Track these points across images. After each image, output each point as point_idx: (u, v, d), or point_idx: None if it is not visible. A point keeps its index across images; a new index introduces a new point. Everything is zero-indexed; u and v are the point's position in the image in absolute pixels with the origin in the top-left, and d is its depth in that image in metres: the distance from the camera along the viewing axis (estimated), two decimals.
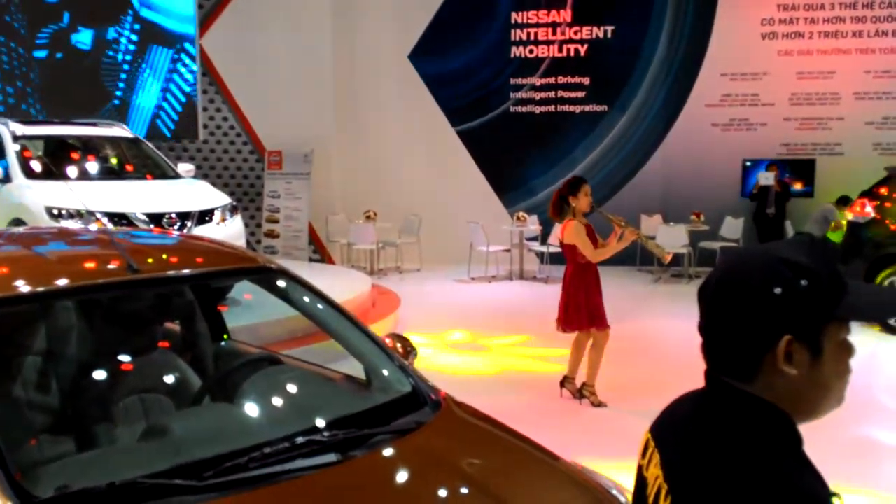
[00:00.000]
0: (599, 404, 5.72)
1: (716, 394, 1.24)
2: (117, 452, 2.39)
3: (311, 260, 12.08)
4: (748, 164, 12.42)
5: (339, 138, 12.91)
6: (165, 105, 12.88)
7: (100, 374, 2.81)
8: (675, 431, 1.27)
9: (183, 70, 12.83)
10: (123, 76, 12.77)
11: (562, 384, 5.95)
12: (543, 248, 11.73)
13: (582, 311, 5.64)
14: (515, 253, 11.83)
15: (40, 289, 2.48)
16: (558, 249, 10.75)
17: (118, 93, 12.78)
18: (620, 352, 6.40)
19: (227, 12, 12.74)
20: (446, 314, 9.15)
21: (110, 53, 12.69)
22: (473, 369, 6.90)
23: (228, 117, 12.94)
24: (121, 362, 2.88)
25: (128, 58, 12.74)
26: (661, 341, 7.79)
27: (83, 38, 12.41)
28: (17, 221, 6.73)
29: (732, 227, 11.89)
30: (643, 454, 1.33)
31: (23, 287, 2.44)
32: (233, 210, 7.60)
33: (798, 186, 12.31)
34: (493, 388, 6.21)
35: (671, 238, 11.13)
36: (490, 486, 2.26)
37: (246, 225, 8.55)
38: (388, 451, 2.34)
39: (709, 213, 11.97)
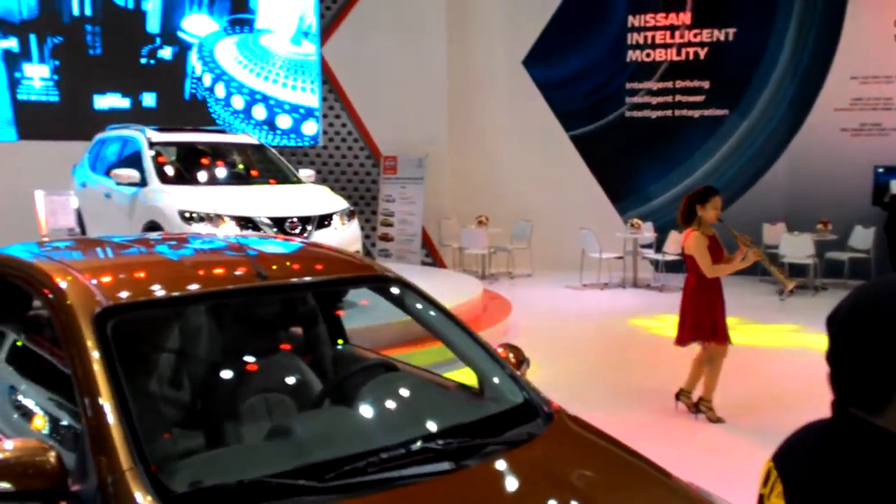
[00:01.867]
0: (717, 420, 5.56)
1: (842, 426, 1.20)
2: (244, 451, 2.51)
3: (423, 263, 12.27)
4: (880, 170, 11.75)
5: (452, 143, 13.05)
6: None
7: (227, 374, 2.97)
8: (799, 462, 1.24)
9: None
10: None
11: (677, 397, 5.81)
12: (658, 256, 11.48)
13: (702, 324, 5.50)
14: (629, 260, 11.63)
15: (176, 293, 2.65)
16: (674, 257, 10.55)
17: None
18: (741, 366, 6.20)
19: (346, 22, 13.11)
20: (557, 320, 9.10)
21: None
22: (586, 379, 6.83)
23: (347, 124, 13.31)
24: (247, 363, 3.02)
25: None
26: (783, 357, 7.49)
27: None
28: (153, 224, 7.15)
29: (862, 237, 11.28)
30: (765, 483, 1.31)
31: (160, 291, 2.61)
32: (350, 215, 7.82)
33: None
34: (605, 399, 6.13)
35: (796, 248, 10.67)
36: (601, 502, 2.25)
37: (362, 228, 8.77)
38: (500, 462, 2.36)
39: (837, 222, 11.40)
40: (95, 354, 2.24)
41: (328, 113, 13.32)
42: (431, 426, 2.44)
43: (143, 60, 9.29)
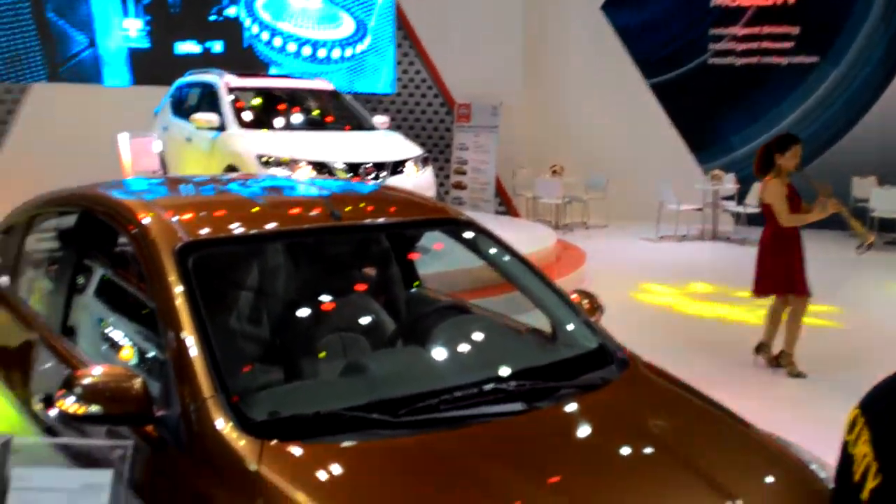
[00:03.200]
0: (798, 374, 5.41)
1: None
2: (320, 385, 2.56)
3: (496, 213, 12.21)
4: None
5: (527, 91, 12.85)
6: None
7: (303, 312, 3.02)
8: (888, 410, 1.19)
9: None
10: None
11: (757, 351, 5.68)
12: (740, 209, 11.15)
13: (779, 275, 5.35)
14: (708, 212, 11.33)
15: (253, 231, 2.70)
16: (756, 210, 10.21)
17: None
18: (825, 322, 6.01)
19: None
20: (632, 272, 8.96)
21: None
22: (660, 330, 6.74)
23: (421, 70, 13.22)
24: (322, 302, 3.07)
25: None
26: (868, 313, 7.22)
27: None
28: (231, 167, 7.29)
29: None
30: (850, 430, 1.26)
31: (238, 229, 2.66)
32: (424, 161, 7.81)
33: None
34: (680, 351, 6.03)
35: (887, 202, 10.21)
36: (676, 448, 2.22)
37: (435, 176, 8.76)
38: (573, 405, 2.35)
39: None
40: (177, 287, 2.30)
41: (402, 60, 13.25)
42: (504, 367, 2.44)
43: (212, 17, 10.89)
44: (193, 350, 2.15)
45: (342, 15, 11.30)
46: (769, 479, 2.24)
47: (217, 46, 11.03)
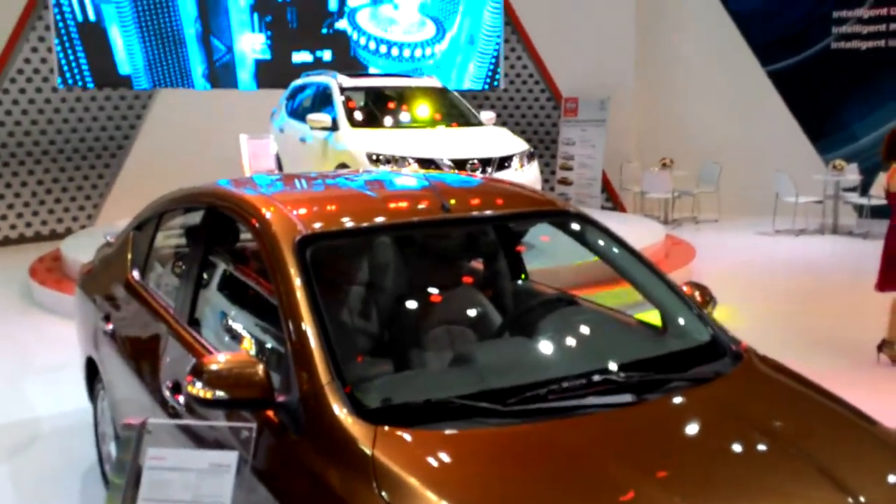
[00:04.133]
0: None
1: None
2: (430, 375, 2.63)
3: (602, 208, 12.06)
4: None
5: (637, 83, 12.60)
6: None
7: (412, 305, 3.10)
8: None
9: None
10: None
11: (880, 348, 5.41)
12: (863, 200, 10.58)
13: None
14: (829, 205, 10.82)
15: (366, 224, 2.79)
16: (881, 202, 9.67)
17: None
18: None
19: None
20: (745, 267, 8.67)
21: None
22: (777, 327, 6.50)
23: (528, 65, 13.18)
24: (430, 295, 3.14)
25: None
26: None
27: None
28: (343, 166, 7.50)
29: None
30: None
31: (352, 222, 2.75)
32: (530, 157, 7.82)
33: None
34: (798, 348, 5.80)
35: None
36: (798, 445, 2.15)
37: (541, 171, 8.74)
38: (683, 398, 2.32)
39: None
40: (297, 279, 2.41)
41: (510, 55, 13.24)
42: (613, 359, 2.43)
43: (324, 31, 12.15)
44: (312, 339, 2.24)
45: (426, 20, 12.42)
46: (893, 475, 2.14)
47: (327, 55, 12.10)
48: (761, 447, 2.16)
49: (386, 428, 2.03)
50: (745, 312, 6.60)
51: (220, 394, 2.17)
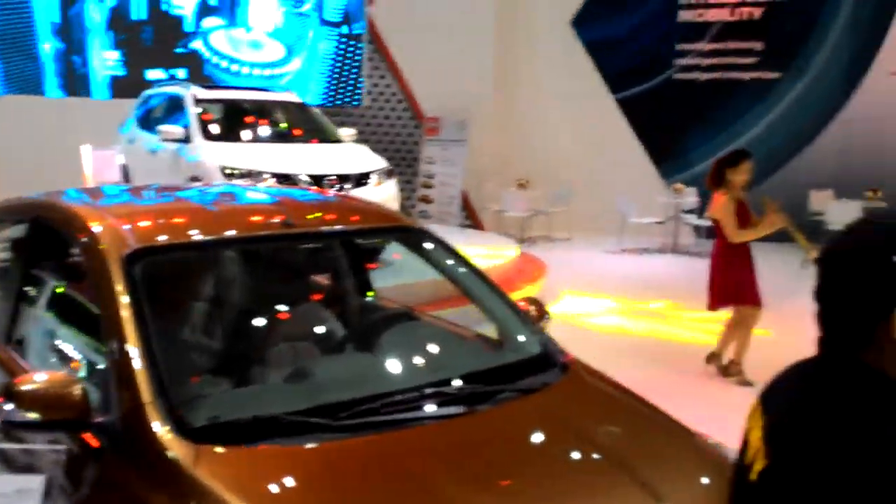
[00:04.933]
0: (745, 383, 5.52)
1: (826, 361, 1.21)
2: (264, 390, 2.59)
3: (462, 226, 12.28)
4: None
5: (496, 105, 12.97)
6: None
7: (255, 321, 3.05)
8: (781, 396, 1.26)
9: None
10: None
11: (708, 360, 5.78)
12: (701, 222, 11.31)
13: (730, 288, 5.46)
14: (670, 226, 11.49)
15: (203, 237, 2.72)
16: None
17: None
18: (774, 331, 6.13)
19: None
20: (592, 283, 9.06)
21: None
22: (616, 339, 6.83)
23: (391, 84, 13.29)
24: (274, 310, 3.10)
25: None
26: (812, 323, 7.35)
27: None
28: (195, 179, 7.27)
29: None
30: (751, 418, 1.32)
31: (191, 235, 2.68)
32: (388, 174, 7.85)
33: None
34: (635, 359, 6.12)
35: (843, 215, 10.40)
36: (615, 452, 2.27)
37: (402, 190, 8.81)
38: (512, 408, 2.40)
39: (889, 189, 11.06)
40: (122, 295, 2.32)
41: (373, 73, 13.31)
42: (448, 372, 2.49)
43: (179, 50, 12.33)
44: (134, 355, 2.17)
45: (276, 44, 12.89)
46: (703, 480, 2.30)
47: (181, 73, 12.26)
48: (583, 453, 2.28)
49: (210, 447, 1.99)
50: (589, 326, 6.90)
51: (33, 415, 2.05)
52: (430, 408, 2.28)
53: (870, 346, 1.15)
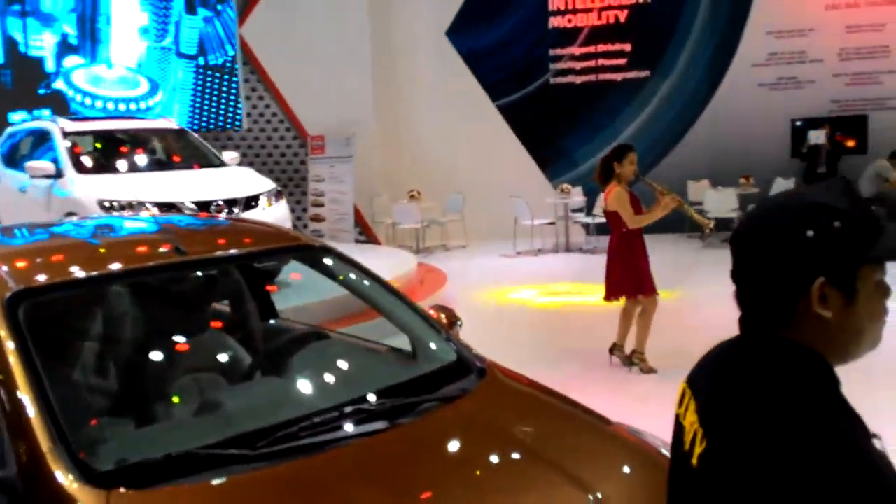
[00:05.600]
0: (650, 370, 5.69)
1: (750, 339, 1.23)
2: (173, 427, 2.46)
3: (357, 241, 12.19)
4: (797, 123, 12.13)
5: (380, 119, 12.96)
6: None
7: (155, 356, 2.90)
8: (710, 378, 1.27)
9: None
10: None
11: (611, 351, 5.93)
12: (589, 220, 11.65)
13: (627, 279, 5.61)
14: (561, 226, 11.77)
15: (91, 273, 2.57)
16: (605, 220, 10.69)
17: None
18: (671, 319, 6.34)
19: (263, 1, 12.82)
20: (492, 288, 9.16)
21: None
22: (522, 341, 6.91)
23: (271, 104, 13.07)
24: (174, 343, 2.95)
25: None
26: (712, 307, 7.67)
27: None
28: (70, 215, 6.91)
29: (783, 189, 11.64)
30: (680, 403, 1.34)
31: (75, 272, 2.52)
32: (278, 195, 7.70)
33: (850, 144, 11.99)
34: (542, 358, 6.21)
35: (720, 203, 10.95)
36: (540, 450, 2.28)
37: (292, 210, 8.65)
38: (434, 418, 2.37)
39: (758, 176, 11.73)
40: (7, 340, 2.15)
41: (251, 95, 13.05)
42: (364, 388, 2.43)
43: (41, 91, 12.10)
44: (28, 405, 2.01)
45: (140, 78, 12.76)
46: (626, 468, 2.34)
47: (45, 114, 11.96)
48: (509, 455, 2.26)
49: (121, 490, 1.86)
50: (493, 329, 6.94)
51: None
52: (351, 426, 2.22)
53: (791, 322, 1.18)
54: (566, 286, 9.10)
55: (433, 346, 2.84)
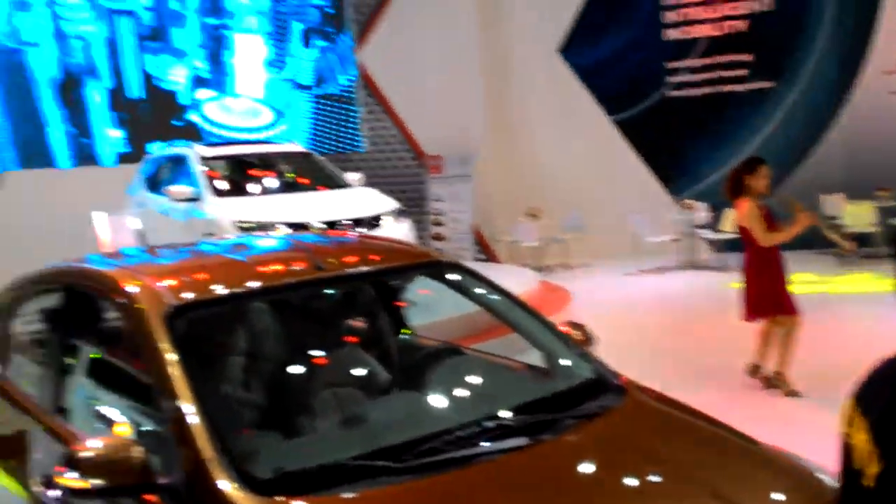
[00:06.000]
0: (792, 393, 5.41)
1: None
2: (322, 439, 2.54)
3: (476, 260, 12.25)
4: None
5: (496, 137, 13.01)
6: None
7: (296, 370, 3.00)
8: (880, 393, 1.21)
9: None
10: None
11: (750, 374, 5.69)
12: (716, 235, 11.27)
13: (765, 298, 5.38)
14: (685, 242, 11.44)
15: (239, 289, 2.69)
16: (731, 236, 10.33)
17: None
18: (814, 338, 6.03)
19: (382, 24, 13.17)
20: (618, 307, 9.00)
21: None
22: (653, 361, 6.73)
23: (389, 126, 13.37)
24: (313, 358, 3.05)
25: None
26: (858, 326, 7.27)
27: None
28: (209, 236, 7.27)
29: None
30: (847, 422, 1.27)
31: (224, 289, 2.65)
32: (401, 214, 7.86)
33: None
34: (675, 379, 6.00)
35: (858, 217, 10.38)
36: (688, 472, 2.21)
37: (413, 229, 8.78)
38: (576, 435, 2.34)
39: None
40: (169, 353, 2.28)
41: (369, 118, 13.39)
42: (502, 404, 2.43)
43: (175, 122, 12.79)
44: (191, 413, 2.12)
45: (264, 108, 13.39)
46: (780, 492, 2.24)
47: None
48: (655, 477, 2.21)
49: (279, 499, 1.93)
50: (624, 349, 6.80)
51: (97, 482, 2.00)
52: (492, 442, 2.22)
53: None
54: (695, 304, 8.83)
55: (568, 362, 2.82)
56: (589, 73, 12.97)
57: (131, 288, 2.57)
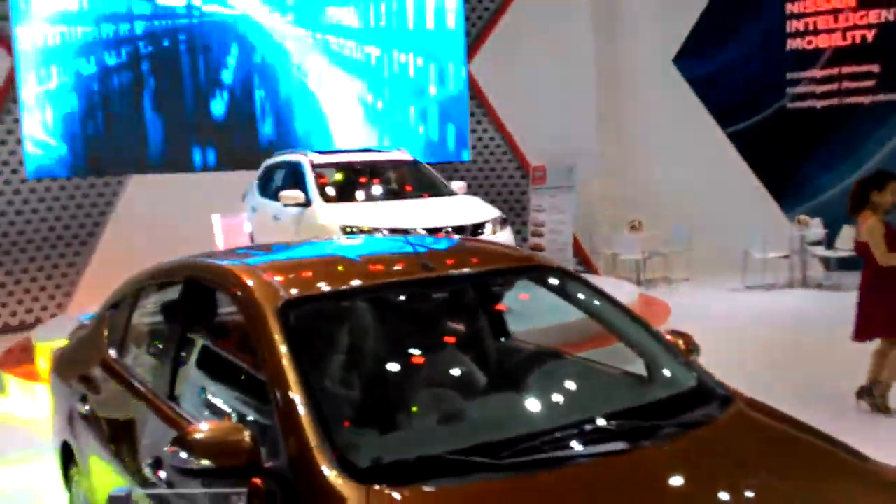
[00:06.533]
0: (886, 410, 5.14)
1: None
2: (421, 433, 2.58)
3: (577, 272, 12.11)
4: None
5: (603, 148, 12.88)
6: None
7: (397, 368, 3.06)
8: None
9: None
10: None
11: (859, 395, 5.42)
12: (830, 253, 10.77)
13: (882, 317, 5.13)
14: (796, 259, 10.99)
15: (349, 286, 2.78)
16: (847, 254, 9.85)
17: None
18: None
19: (494, 35, 13.25)
20: (719, 323, 8.73)
21: None
22: (754, 382, 6.49)
23: (495, 136, 13.43)
24: (415, 357, 3.11)
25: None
26: None
27: None
28: None
29: None
30: None
31: (335, 285, 2.74)
32: (503, 222, 7.90)
33: None
34: (778, 401, 5.78)
35: None
36: (800, 487, 2.14)
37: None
38: (676, 444, 2.30)
39: None
40: (282, 343, 2.38)
41: (476, 127, 13.50)
42: (601, 408, 2.42)
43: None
44: (298, 401, 2.21)
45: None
46: None
47: None
48: (759, 492, 2.14)
49: (378, 487, 1.99)
50: (723, 366, 6.58)
51: (206, 463, 2.11)
52: (591, 445, 2.21)
53: None
54: (802, 323, 8.47)
55: (671, 371, 2.77)
56: (703, 84, 12.69)
57: (249, 281, 2.70)
